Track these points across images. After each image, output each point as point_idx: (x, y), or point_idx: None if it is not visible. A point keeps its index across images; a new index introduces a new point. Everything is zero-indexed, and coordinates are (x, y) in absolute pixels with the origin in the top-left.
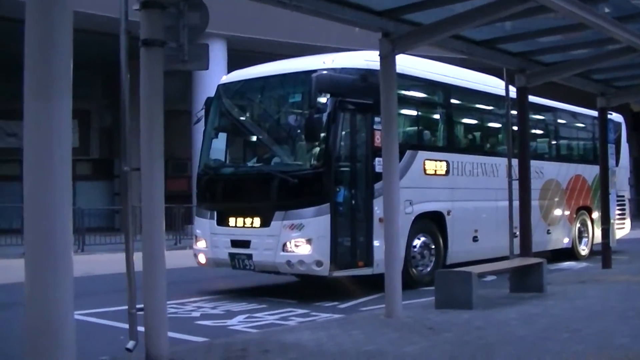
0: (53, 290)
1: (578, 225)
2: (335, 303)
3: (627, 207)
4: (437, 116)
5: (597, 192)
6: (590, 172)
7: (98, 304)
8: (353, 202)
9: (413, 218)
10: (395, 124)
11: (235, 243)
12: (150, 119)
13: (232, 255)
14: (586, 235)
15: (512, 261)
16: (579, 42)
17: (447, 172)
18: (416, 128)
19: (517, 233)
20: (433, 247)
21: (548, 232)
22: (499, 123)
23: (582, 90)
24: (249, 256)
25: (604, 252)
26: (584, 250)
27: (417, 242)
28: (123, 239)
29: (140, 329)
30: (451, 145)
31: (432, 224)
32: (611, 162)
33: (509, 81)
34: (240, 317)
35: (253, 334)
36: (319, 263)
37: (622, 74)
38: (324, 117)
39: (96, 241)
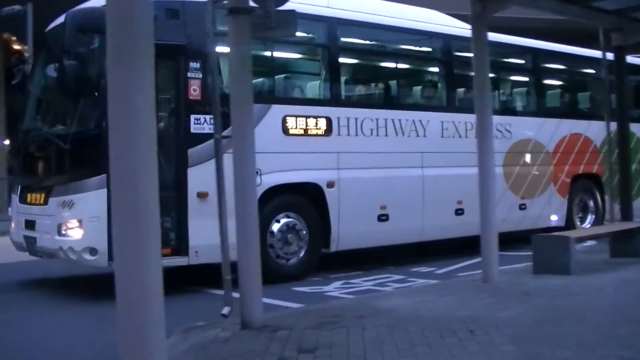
0: (140, 245)
1: (577, 198)
2: (433, 269)
3: None
4: (313, 60)
5: (609, 156)
6: (599, 130)
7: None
8: None
9: (262, 192)
10: (488, 94)
11: (27, 224)
12: (239, 85)
13: (25, 238)
14: (592, 210)
15: (611, 226)
16: None
17: (329, 131)
18: (274, 76)
19: (463, 208)
20: (305, 231)
21: (521, 208)
22: (419, 66)
23: None
24: (35, 240)
25: None
26: (588, 227)
27: (278, 225)
28: None
29: (236, 295)
30: (336, 97)
31: (303, 200)
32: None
33: (606, 42)
34: (337, 284)
35: (348, 300)
36: (92, 251)
37: None
38: (92, 64)
39: None
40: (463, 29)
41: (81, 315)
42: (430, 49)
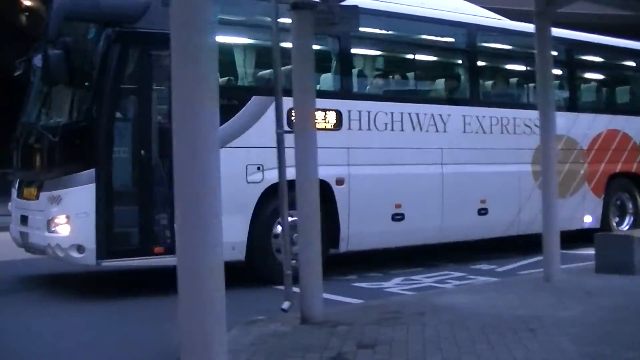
0: (202, 239)
1: (615, 198)
2: (494, 266)
3: None
4: (322, 49)
5: None
6: (639, 126)
7: None
8: (145, 168)
9: (263, 189)
10: (552, 91)
11: (22, 219)
12: (302, 80)
13: (21, 234)
14: (630, 211)
15: None
16: None
17: (338, 125)
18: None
19: (487, 207)
20: None
21: None
22: (440, 57)
23: None
24: (28, 236)
25: None
26: (626, 230)
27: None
28: None
29: (296, 290)
30: (347, 89)
31: None
32: None
33: None
34: (397, 280)
35: (409, 297)
36: (80, 249)
37: None
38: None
39: None
40: (489, 18)
41: (79, 314)
42: (452, 39)
